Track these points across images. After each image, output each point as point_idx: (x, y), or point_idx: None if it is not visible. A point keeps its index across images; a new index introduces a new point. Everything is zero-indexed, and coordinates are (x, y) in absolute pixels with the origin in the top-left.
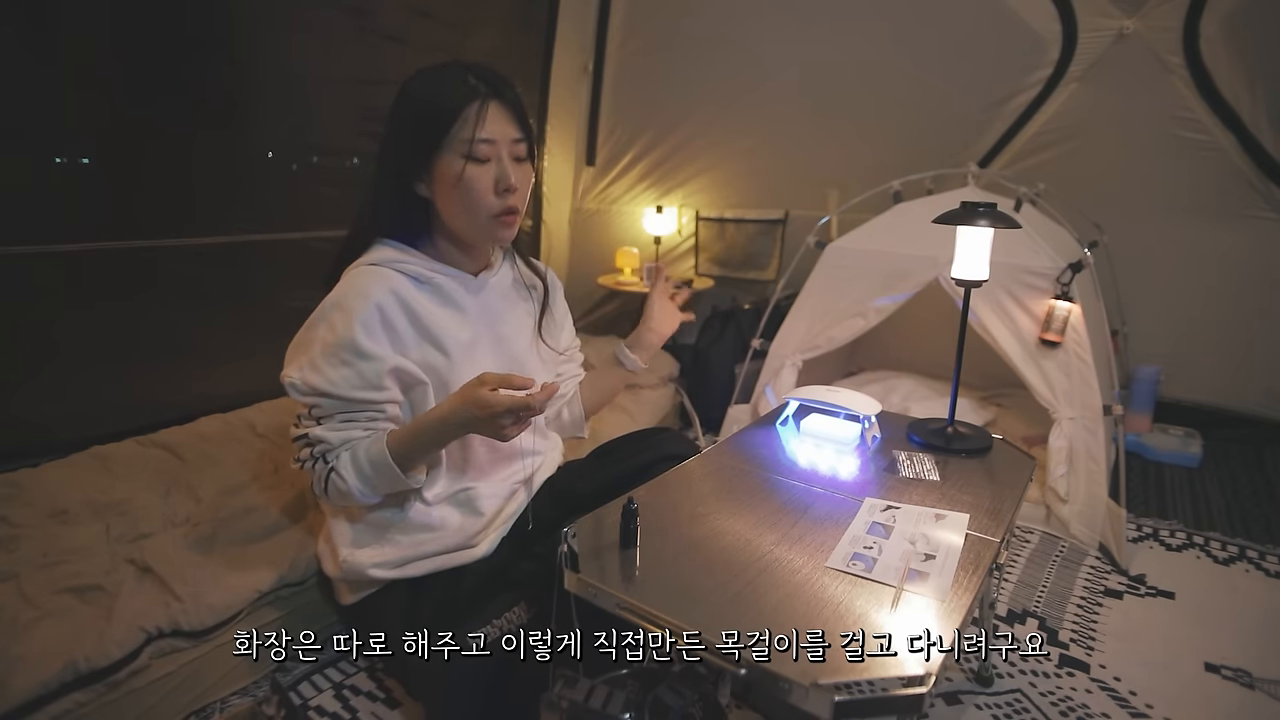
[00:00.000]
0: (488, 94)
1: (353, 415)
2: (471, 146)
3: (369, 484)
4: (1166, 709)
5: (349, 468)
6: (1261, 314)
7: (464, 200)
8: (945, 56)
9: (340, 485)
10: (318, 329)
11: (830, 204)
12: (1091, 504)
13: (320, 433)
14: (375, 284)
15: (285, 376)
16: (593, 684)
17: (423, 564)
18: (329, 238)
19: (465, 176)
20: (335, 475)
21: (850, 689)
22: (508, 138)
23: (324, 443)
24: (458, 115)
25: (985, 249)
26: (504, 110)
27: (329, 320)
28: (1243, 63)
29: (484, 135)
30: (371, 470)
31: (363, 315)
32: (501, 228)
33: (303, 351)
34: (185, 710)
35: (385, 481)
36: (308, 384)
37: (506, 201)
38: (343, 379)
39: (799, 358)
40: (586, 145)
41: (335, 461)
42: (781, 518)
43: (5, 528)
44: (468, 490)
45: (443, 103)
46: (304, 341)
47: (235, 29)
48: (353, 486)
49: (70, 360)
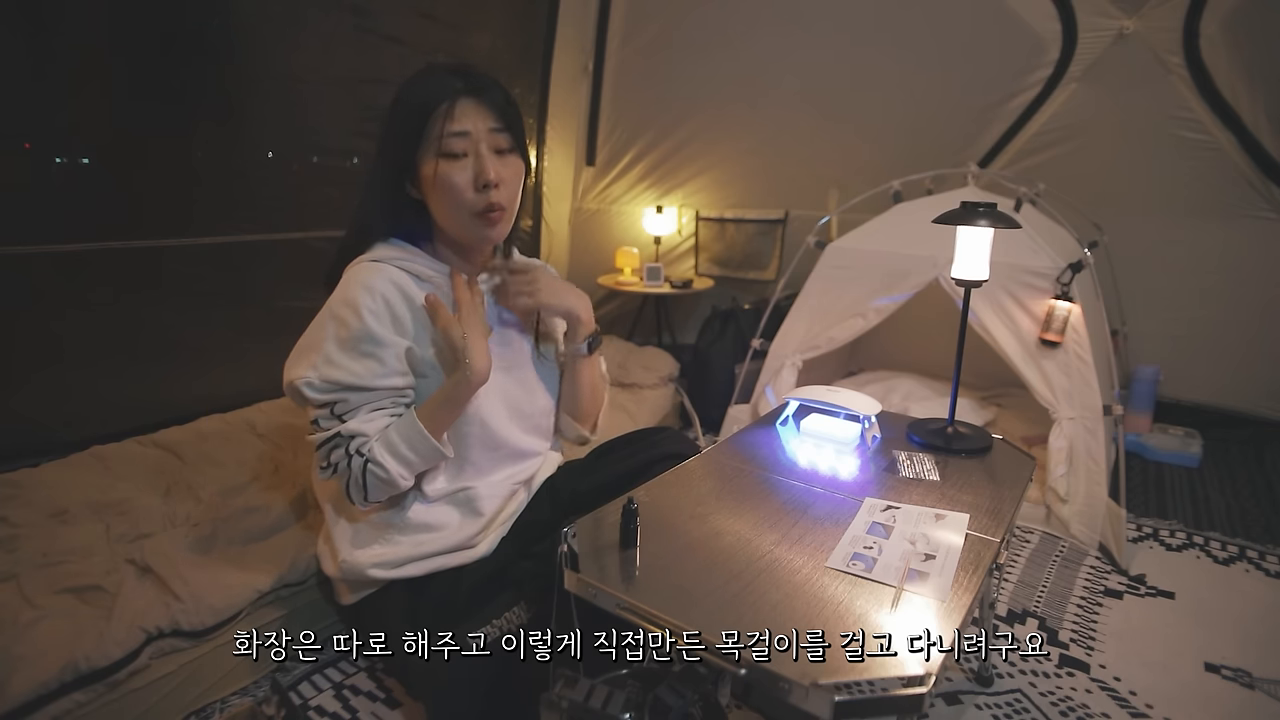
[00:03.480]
0: (461, 90)
1: (380, 404)
2: (442, 142)
3: (407, 465)
4: (1166, 709)
5: (385, 455)
6: (1261, 314)
7: (444, 198)
8: (945, 56)
9: (381, 474)
10: (327, 327)
11: (830, 204)
12: (1091, 504)
13: (354, 426)
14: (377, 277)
15: (298, 378)
16: (593, 684)
17: (422, 564)
18: (329, 238)
19: (439, 173)
20: (373, 466)
21: (850, 689)
22: (483, 128)
23: (360, 436)
24: (431, 112)
25: (985, 249)
26: (478, 104)
27: (338, 318)
28: (1242, 63)
29: (454, 129)
30: (407, 448)
31: (370, 305)
32: (486, 225)
33: (313, 351)
34: (185, 710)
35: (421, 456)
36: (327, 380)
37: (487, 197)
38: (367, 370)
39: (799, 358)
40: (586, 145)
41: (371, 453)
42: (781, 518)
43: (5, 528)
44: (467, 490)
45: (419, 102)
46: (312, 342)
47: (236, 29)
48: (394, 473)
49: (70, 360)
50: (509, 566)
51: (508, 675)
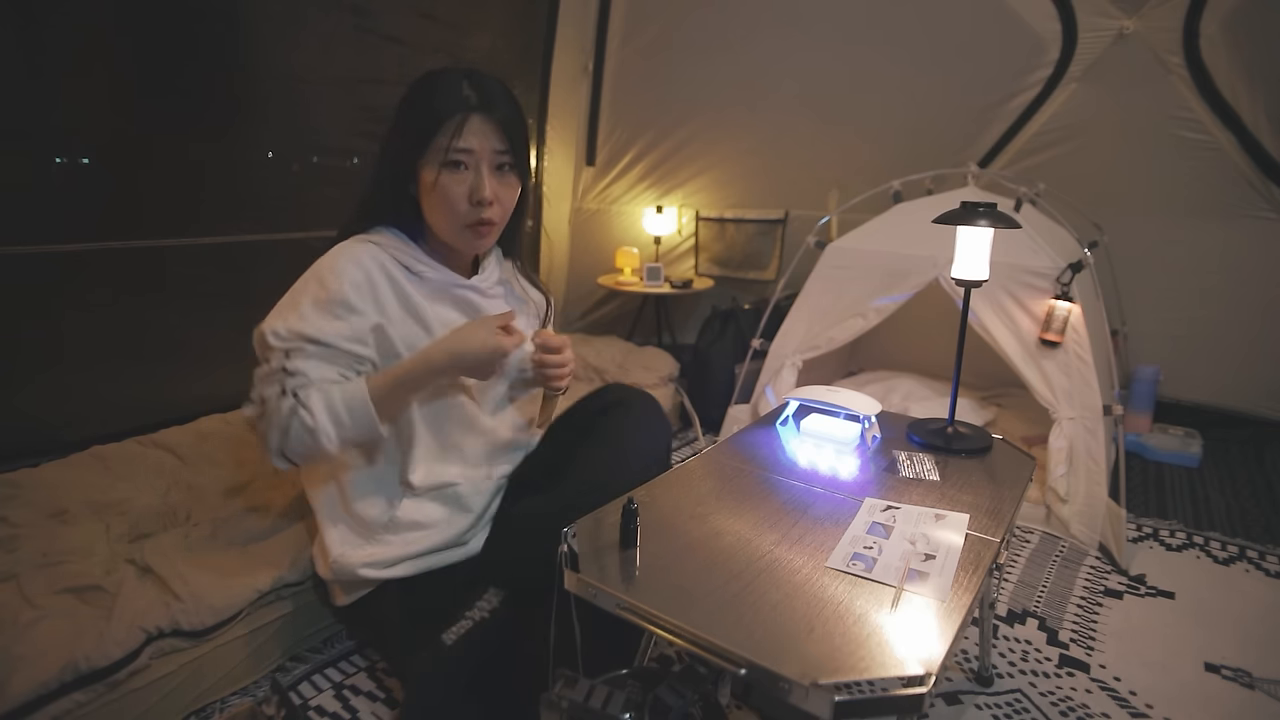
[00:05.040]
0: (475, 106)
1: (333, 359)
2: (447, 154)
3: (338, 425)
4: (1166, 709)
5: (319, 404)
6: (1261, 314)
7: (440, 205)
8: (945, 57)
9: (307, 421)
10: (308, 287)
11: (830, 204)
12: (1091, 504)
13: (298, 365)
14: (366, 254)
15: (264, 325)
16: (593, 684)
17: (414, 563)
18: (329, 238)
19: (439, 183)
20: (302, 411)
21: (850, 689)
22: (488, 148)
23: (300, 376)
24: (441, 124)
25: (985, 249)
26: (488, 123)
27: (320, 279)
28: (1242, 63)
29: (461, 145)
30: (344, 409)
31: (353, 276)
32: (474, 236)
33: (289, 308)
34: (185, 710)
35: (356, 425)
36: (292, 330)
37: (480, 212)
38: (333, 330)
39: (799, 358)
40: (586, 145)
41: (305, 396)
42: (781, 518)
43: (5, 528)
44: (454, 486)
45: (430, 110)
46: (290, 300)
47: (236, 29)
48: (320, 424)
49: (70, 360)
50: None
51: (490, 666)
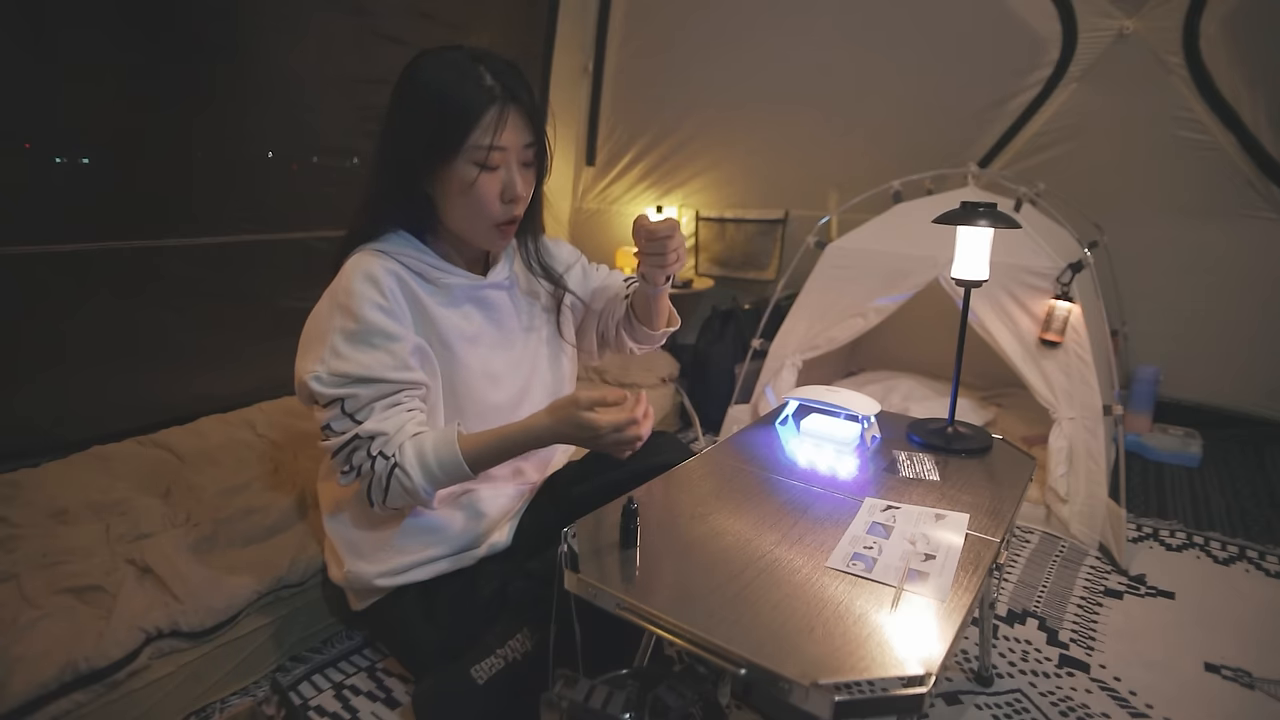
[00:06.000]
0: (505, 98)
1: (395, 400)
2: (488, 155)
3: (435, 483)
4: (1166, 709)
5: (415, 465)
6: (1261, 314)
7: (470, 207)
8: (945, 57)
9: (405, 483)
10: (333, 319)
11: (830, 204)
12: (1091, 504)
13: (372, 426)
14: (379, 267)
15: (306, 372)
16: (593, 684)
17: (428, 568)
18: (329, 238)
19: (477, 185)
20: (400, 473)
21: (850, 689)
22: (519, 144)
23: (380, 435)
24: (476, 121)
25: (985, 249)
26: (520, 115)
27: (343, 308)
28: (1242, 63)
29: (498, 144)
30: (440, 471)
31: (375, 299)
32: (500, 236)
33: (319, 343)
34: (185, 710)
35: (452, 481)
36: (336, 373)
37: (512, 210)
38: (377, 362)
39: (799, 358)
40: (586, 145)
41: (399, 457)
42: (781, 518)
43: (5, 528)
44: (470, 493)
45: (459, 105)
46: (317, 334)
47: (235, 29)
48: (419, 485)
49: (70, 360)
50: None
51: (517, 705)
